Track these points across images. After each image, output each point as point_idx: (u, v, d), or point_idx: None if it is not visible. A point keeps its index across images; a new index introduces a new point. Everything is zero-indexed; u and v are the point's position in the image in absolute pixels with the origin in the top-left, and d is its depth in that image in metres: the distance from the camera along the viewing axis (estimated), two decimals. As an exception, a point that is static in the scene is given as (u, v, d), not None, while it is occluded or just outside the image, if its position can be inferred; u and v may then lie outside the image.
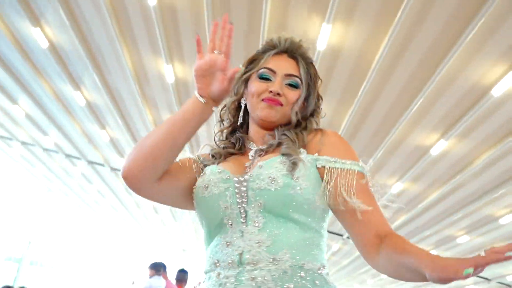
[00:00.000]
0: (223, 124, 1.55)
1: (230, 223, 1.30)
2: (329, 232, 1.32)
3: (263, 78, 1.44)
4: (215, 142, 1.54)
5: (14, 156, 14.06)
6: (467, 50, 5.18)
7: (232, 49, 1.36)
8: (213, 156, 1.48)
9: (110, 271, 20.51)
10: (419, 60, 5.57)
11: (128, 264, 20.21)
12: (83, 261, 20.92)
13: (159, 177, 1.34)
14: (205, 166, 1.45)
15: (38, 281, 17.60)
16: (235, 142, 1.50)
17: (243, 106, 1.49)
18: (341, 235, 12.43)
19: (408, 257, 1.08)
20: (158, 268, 7.62)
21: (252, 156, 1.43)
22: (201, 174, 1.41)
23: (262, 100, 1.41)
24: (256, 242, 1.26)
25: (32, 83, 8.54)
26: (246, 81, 1.49)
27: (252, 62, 1.50)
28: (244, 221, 1.29)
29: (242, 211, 1.30)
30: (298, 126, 1.46)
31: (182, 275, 7.51)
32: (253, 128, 1.49)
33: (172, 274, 7.69)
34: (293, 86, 1.44)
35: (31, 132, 11.23)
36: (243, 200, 1.30)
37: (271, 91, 1.40)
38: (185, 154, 1.47)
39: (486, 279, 13.19)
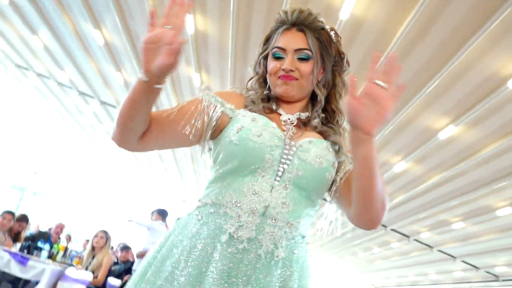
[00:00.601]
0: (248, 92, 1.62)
1: (263, 175, 1.39)
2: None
3: (276, 57, 1.52)
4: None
5: (29, 87, 14.17)
6: (488, 39, 5.14)
7: (256, 17, 1.40)
8: (253, 103, 1.53)
9: (109, 209, 20.93)
10: (439, 43, 5.54)
11: (127, 206, 20.60)
12: (84, 198, 21.35)
13: (141, 137, 1.41)
14: (232, 108, 1.50)
15: (39, 211, 18.01)
16: (269, 98, 1.57)
17: (269, 81, 1.57)
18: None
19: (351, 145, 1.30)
20: (164, 215, 7.85)
21: (285, 121, 1.51)
22: (249, 117, 1.46)
23: (279, 77, 1.50)
24: (281, 202, 1.37)
25: (54, 16, 8.55)
26: (265, 59, 1.57)
27: (267, 40, 1.58)
28: (278, 180, 1.39)
29: (280, 170, 1.39)
30: (328, 114, 1.59)
31: (179, 224, 7.69)
32: (278, 101, 1.58)
33: (170, 223, 7.86)
34: (305, 59, 1.50)
35: (47, 65, 11.29)
36: (287, 162, 1.40)
37: (283, 69, 1.48)
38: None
39: (475, 267, 13.36)
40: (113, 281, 6.97)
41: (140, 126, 1.37)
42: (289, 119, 1.52)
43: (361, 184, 1.31)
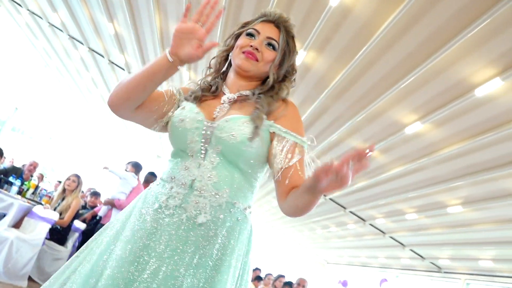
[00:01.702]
0: (209, 70, 1.87)
1: (191, 154, 1.63)
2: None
3: (249, 35, 1.77)
4: (198, 83, 1.86)
5: (20, 23, 14.04)
6: (464, 46, 5.33)
7: (240, 10, 1.67)
8: (191, 95, 1.79)
9: (85, 154, 21.00)
10: (419, 42, 5.71)
11: (103, 153, 20.69)
12: (62, 140, 21.34)
13: (136, 109, 1.68)
14: (183, 100, 1.78)
15: (16, 147, 17.99)
16: (212, 85, 1.81)
17: (230, 57, 1.81)
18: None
19: (304, 185, 1.52)
20: (138, 169, 8.06)
21: (223, 101, 1.74)
22: (181, 106, 1.73)
23: (243, 52, 1.73)
24: (207, 176, 1.59)
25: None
26: (236, 38, 1.83)
27: (245, 25, 1.84)
28: (203, 157, 1.62)
29: (203, 149, 1.63)
30: (272, 89, 1.78)
31: (150, 178, 7.91)
32: (231, 77, 1.81)
33: (142, 177, 8.11)
34: (271, 47, 1.76)
35: (41, 4, 11.18)
36: (206, 141, 1.63)
37: (251, 46, 1.73)
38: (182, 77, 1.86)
39: (421, 256, 13.86)
40: (78, 224, 7.17)
41: (145, 97, 1.66)
42: (228, 98, 1.76)
43: (302, 203, 1.56)
